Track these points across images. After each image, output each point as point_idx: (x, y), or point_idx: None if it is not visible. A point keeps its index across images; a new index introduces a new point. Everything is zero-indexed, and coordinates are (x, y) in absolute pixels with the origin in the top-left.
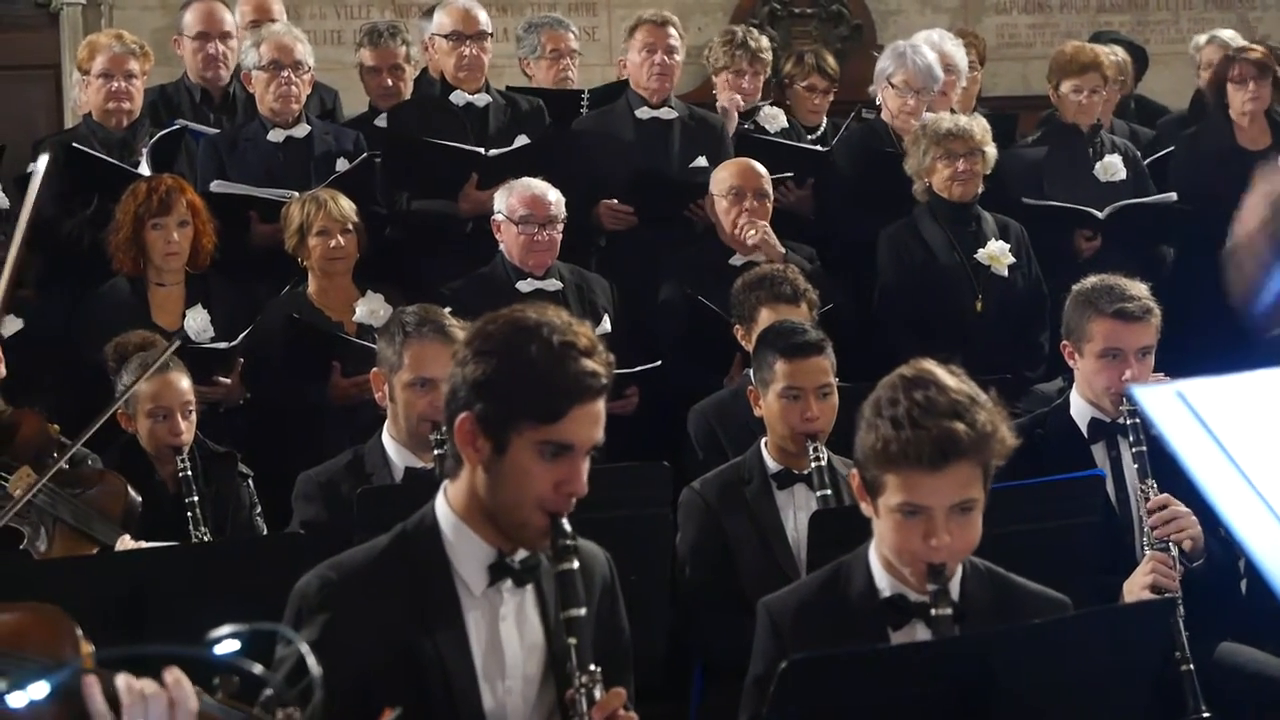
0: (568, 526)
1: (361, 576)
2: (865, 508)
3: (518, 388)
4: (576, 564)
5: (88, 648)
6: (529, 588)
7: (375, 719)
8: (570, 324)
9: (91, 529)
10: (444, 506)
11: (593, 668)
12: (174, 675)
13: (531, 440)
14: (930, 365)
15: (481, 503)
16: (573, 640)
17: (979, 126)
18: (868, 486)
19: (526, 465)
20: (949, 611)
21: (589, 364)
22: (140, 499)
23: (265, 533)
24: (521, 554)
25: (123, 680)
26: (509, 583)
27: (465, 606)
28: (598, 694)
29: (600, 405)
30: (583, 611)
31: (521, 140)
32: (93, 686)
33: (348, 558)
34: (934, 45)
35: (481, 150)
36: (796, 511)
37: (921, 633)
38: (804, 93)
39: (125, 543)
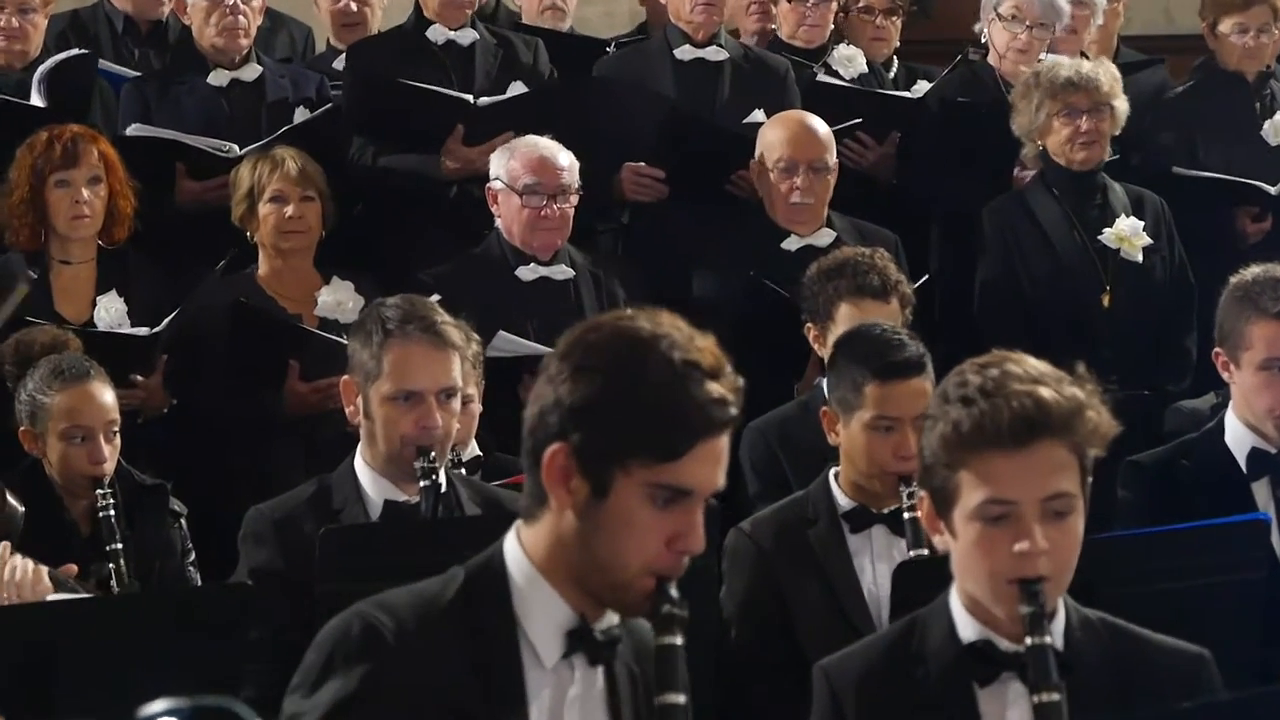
0: (675, 593)
1: (416, 627)
2: (940, 540)
3: (630, 416)
4: (680, 639)
5: None
6: (599, 669)
7: None
8: (692, 338)
9: None
10: (518, 553)
11: None
12: None
13: (642, 481)
14: (1006, 352)
15: (569, 555)
16: None
17: (1106, 74)
18: (938, 501)
19: (633, 513)
20: (1046, 640)
21: (717, 388)
22: (22, 508)
23: (199, 583)
24: (605, 624)
25: None
26: (583, 657)
27: (530, 679)
28: None
29: (725, 442)
30: (683, 699)
31: (518, 88)
32: None
33: (397, 600)
34: None
35: (469, 98)
36: (875, 560)
37: (1015, 689)
38: (860, 19)
39: (3, 554)
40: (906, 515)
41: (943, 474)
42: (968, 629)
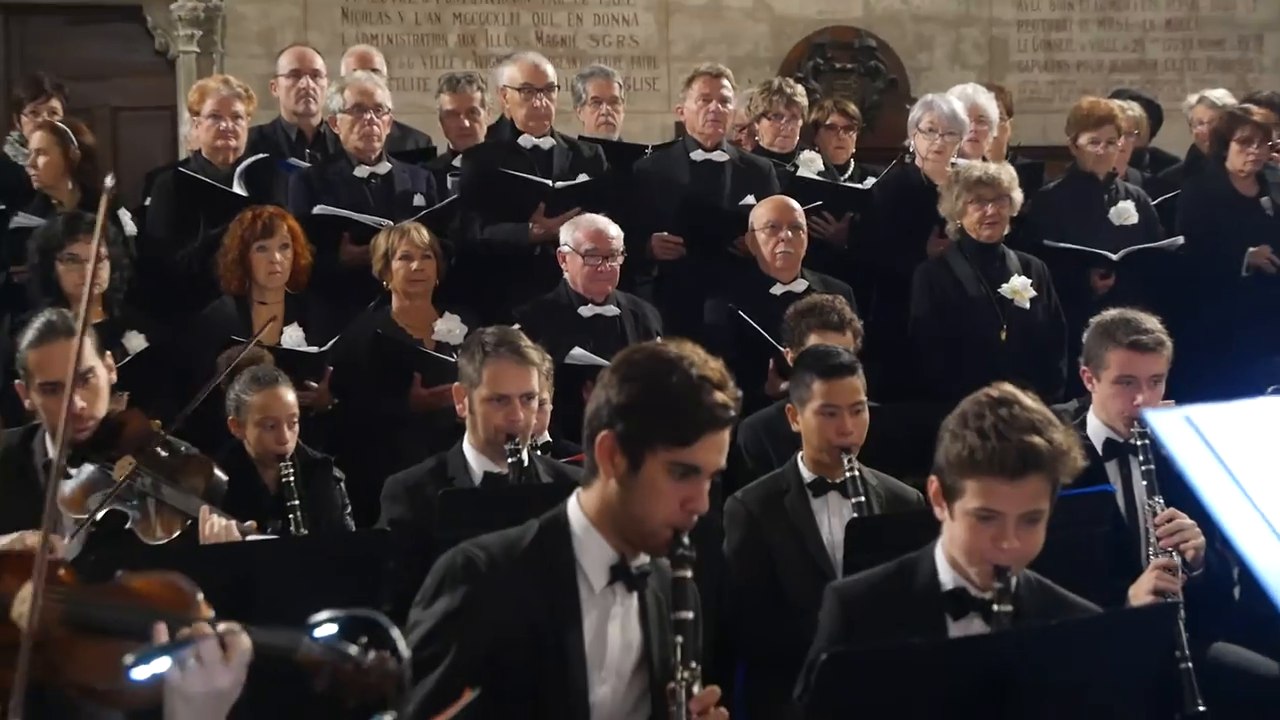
0: (686, 540)
1: (503, 559)
2: (939, 511)
3: (657, 413)
4: (690, 573)
5: (208, 611)
6: (634, 595)
7: (491, 689)
8: (706, 360)
9: (175, 502)
10: (576, 510)
11: (693, 665)
12: (229, 625)
13: (664, 460)
14: (1011, 387)
15: (612, 512)
16: (679, 639)
17: (1006, 174)
18: (946, 491)
19: (657, 482)
20: (1010, 609)
21: (721, 396)
22: (226, 478)
23: (354, 530)
24: (639, 561)
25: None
26: (622, 585)
27: (584, 602)
28: (696, 689)
29: (726, 434)
30: (690, 615)
31: (584, 177)
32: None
33: (490, 541)
34: (967, 97)
35: (549, 183)
36: (830, 517)
37: (978, 626)
38: (827, 132)
39: (205, 514)
40: (848, 475)
41: (953, 477)
42: (948, 577)
